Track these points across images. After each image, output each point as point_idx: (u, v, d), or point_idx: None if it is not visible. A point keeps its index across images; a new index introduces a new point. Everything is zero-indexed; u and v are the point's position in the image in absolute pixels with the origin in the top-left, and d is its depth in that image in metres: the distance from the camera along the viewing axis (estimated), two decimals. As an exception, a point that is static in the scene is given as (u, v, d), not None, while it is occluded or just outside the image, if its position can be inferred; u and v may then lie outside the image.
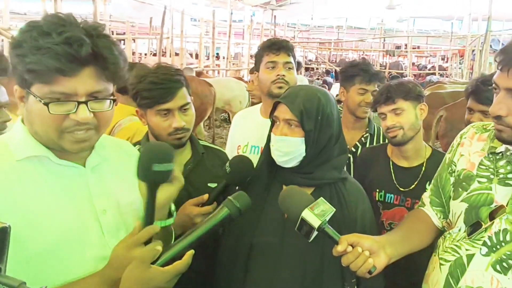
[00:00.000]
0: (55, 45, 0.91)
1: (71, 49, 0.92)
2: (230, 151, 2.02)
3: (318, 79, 10.81)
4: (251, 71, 3.11)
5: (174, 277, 0.96)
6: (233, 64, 13.08)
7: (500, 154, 1.24)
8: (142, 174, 1.06)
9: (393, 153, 1.90)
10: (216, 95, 5.81)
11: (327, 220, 1.18)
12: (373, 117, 2.38)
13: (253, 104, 3.09)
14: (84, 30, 0.96)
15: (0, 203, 0.94)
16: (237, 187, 1.41)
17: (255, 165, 1.49)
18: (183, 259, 0.96)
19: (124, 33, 8.23)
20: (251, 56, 13.77)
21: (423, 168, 1.81)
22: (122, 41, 8.89)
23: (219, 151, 1.80)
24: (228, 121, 8.20)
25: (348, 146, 1.61)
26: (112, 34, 9.39)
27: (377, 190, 1.85)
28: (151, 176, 1.05)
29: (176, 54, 9.61)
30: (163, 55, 8.75)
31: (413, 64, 19.16)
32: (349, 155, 2.07)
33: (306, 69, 14.51)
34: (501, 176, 1.23)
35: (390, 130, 1.79)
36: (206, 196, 1.37)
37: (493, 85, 1.17)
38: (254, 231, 1.38)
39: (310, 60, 20.71)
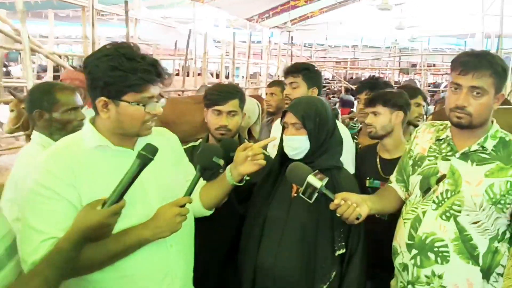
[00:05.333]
0: (147, 66, 1.33)
1: (157, 68, 1.35)
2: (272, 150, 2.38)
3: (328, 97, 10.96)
4: (270, 85, 3.56)
5: (111, 214, 1.24)
6: (252, 83, 13.54)
7: (442, 140, 1.71)
8: (202, 161, 1.52)
9: (380, 148, 2.34)
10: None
11: (324, 184, 1.55)
12: None
13: (269, 113, 3.57)
14: (148, 56, 1.37)
15: (79, 177, 1.34)
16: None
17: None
18: (118, 203, 1.25)
19: (151, 55, 8.79)
20: (269, 75, 14.26)
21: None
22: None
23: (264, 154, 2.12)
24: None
25: None
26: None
27: (368, 178, 2.26)
28: (208, 164, 1.51)
29: (199, 74, 10.16)
30: (187, 75, 9.27)
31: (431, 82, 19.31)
32: None
33: (323, 87, 14.85)
34: (443, 154, 1.69)
35: (368, 127, 2.29)
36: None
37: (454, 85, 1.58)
38: (267, 207, 1.76)
39: (326, 79, 21.07)
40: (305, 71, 2.49)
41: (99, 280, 1.37)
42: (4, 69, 11.45)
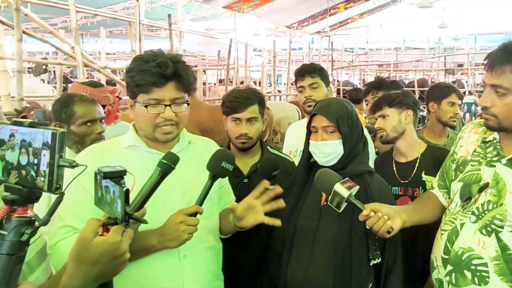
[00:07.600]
0: (152, 67, 1.31)
1: (161, 70, 1.32)
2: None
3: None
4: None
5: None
6: (294, 89, 13.68)
7: (489, 142, 1.50)
8: (212, 166, 1.38)
9: (395, 153, 2.24)
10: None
11: (353, 193, 1.44)
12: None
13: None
14: (169, 58, 1.35)
15: None
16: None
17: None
18: (138, 211, 1.14)
19: (196, 66, 9.17)
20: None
21: (418, 161, 2.13)
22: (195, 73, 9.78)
23: (286, 160, 2.06)
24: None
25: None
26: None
27: None
28: (217, 170, 1.37)
29: (241, 83, 10.44)
30: (229, 84, 9.57)
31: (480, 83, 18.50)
32: None
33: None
34: (488, 159, 1.49)
35: (378, 131, 2.21)
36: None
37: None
38: (297, 216, 1.67)
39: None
40: (320, 71, 2.38)
41: (116, 281, 1.32)
42: (70, 85, 12.35)
